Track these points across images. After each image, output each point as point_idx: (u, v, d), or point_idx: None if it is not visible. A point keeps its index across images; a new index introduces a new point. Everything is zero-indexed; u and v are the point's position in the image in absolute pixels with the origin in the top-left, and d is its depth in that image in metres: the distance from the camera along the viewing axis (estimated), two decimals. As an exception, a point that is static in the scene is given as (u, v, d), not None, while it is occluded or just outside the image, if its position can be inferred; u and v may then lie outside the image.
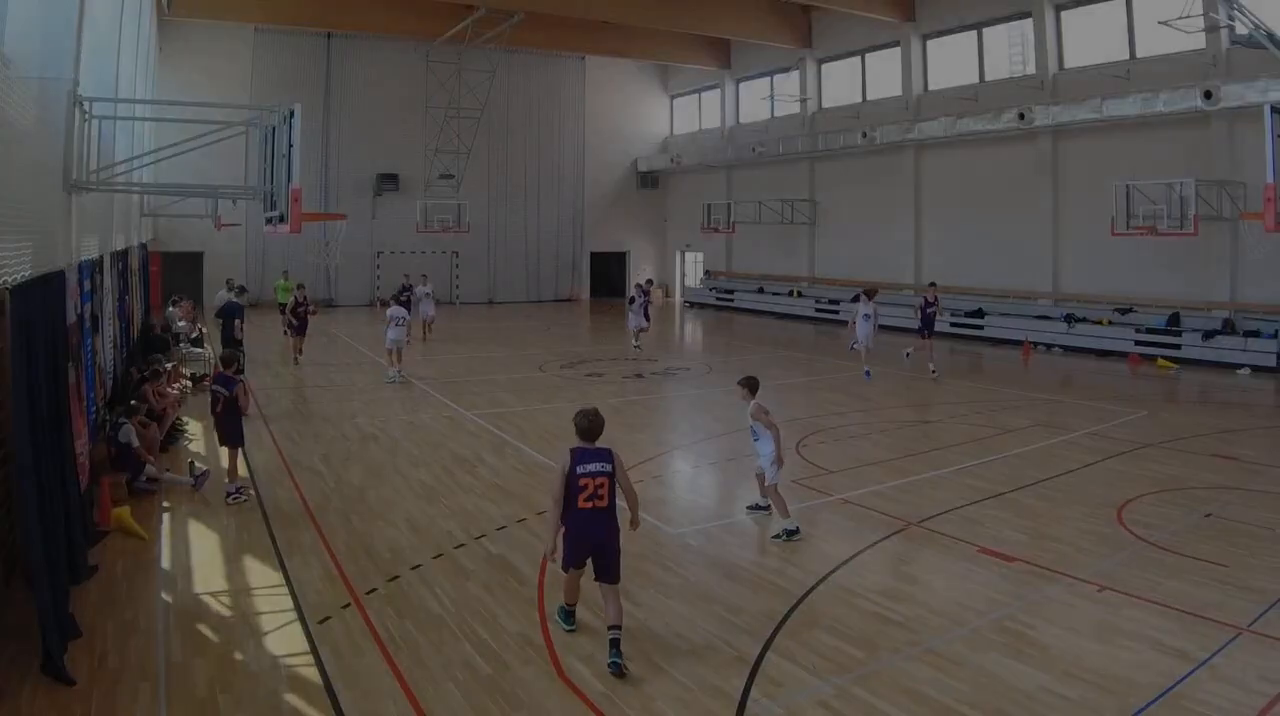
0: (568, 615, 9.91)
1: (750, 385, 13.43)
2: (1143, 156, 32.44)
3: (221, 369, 16.21)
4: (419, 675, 8.88)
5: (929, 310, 28.04)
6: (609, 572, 9.39)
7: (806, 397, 25.11)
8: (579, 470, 9.30)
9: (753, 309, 51.30)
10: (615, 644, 9.00)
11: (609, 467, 9.41)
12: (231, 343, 24.36)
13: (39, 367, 9.64)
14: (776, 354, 34.45)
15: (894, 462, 17.64)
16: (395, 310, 27.29)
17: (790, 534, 12.82)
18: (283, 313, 32.23)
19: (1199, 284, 32.37)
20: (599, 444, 9.58)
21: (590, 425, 9.56)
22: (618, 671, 8.82)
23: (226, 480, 14.99)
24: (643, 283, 36.55)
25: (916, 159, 43.80)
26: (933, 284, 31.04)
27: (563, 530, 9.49)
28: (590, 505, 9.27)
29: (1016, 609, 10.54)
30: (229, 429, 15.26)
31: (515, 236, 57.97)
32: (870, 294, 27.43)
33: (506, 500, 14.98)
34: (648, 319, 33.82)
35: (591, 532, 9.34)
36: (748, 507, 14.23)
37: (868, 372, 26.91)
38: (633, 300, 33.48)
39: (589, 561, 9.45)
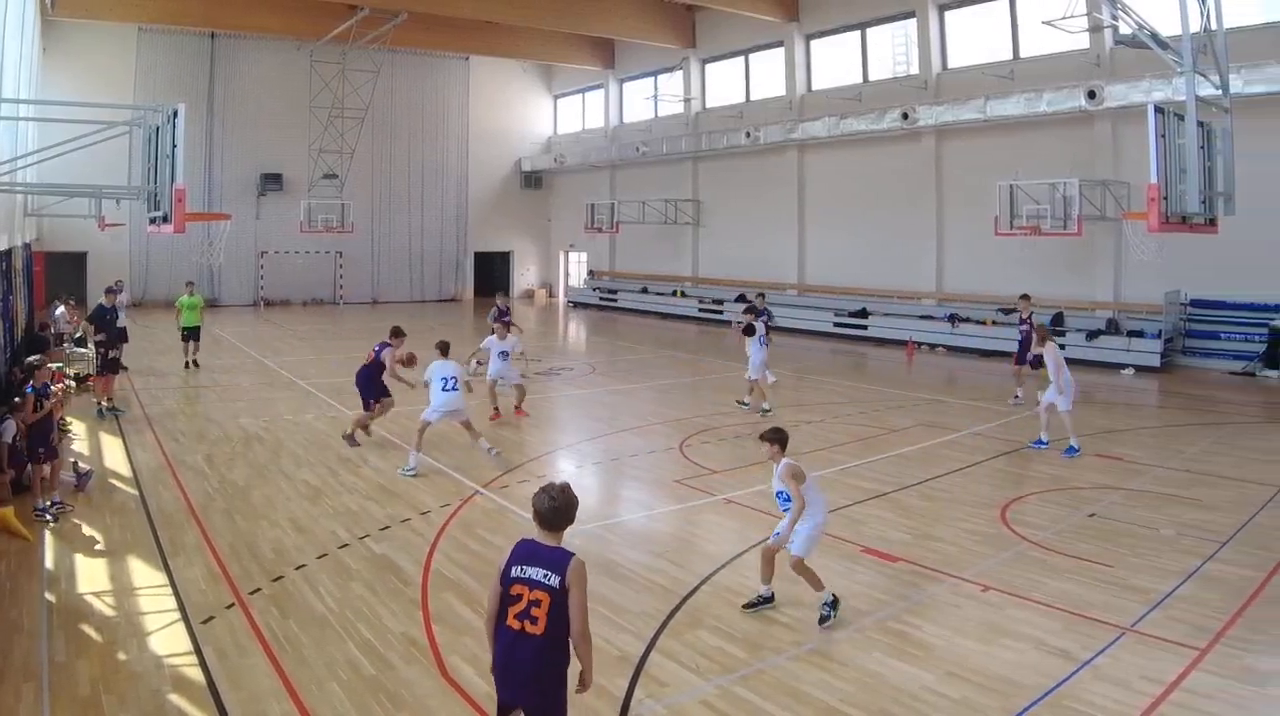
0: None
1: (780, 439, 10.65)
2: (1027, 156, 32.57)
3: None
4: (303, 675, 8.82)
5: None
6: None
7: (691, 397, 25.06)
8: (512, 571, 6.36)
9: (636, 309, 51.08)
10: None
11: (555, 582, 6.24)
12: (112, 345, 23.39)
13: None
14: (660, 354, 34.26)
15: (778, 462, 17.40)
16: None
17: (833, 607, 10.19)
18: (187, 339, 28.39)
19: (1083, 284, 32.70)
20: (562, 543, 6.51)
21: (550, 510, 6.46)
22: None
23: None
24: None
25: (800, 159, 43.83)
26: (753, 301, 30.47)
27: None
28: (521, 626, 6.25)
29: (900, 609, 10.56)
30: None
31: (399, 236, 57.67)
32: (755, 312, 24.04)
33: (390, 500, 14.86)
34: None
35: (514, 663, 6.33)
36: (744, 606, 10.65)
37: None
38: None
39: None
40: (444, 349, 17.56)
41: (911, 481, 16.16)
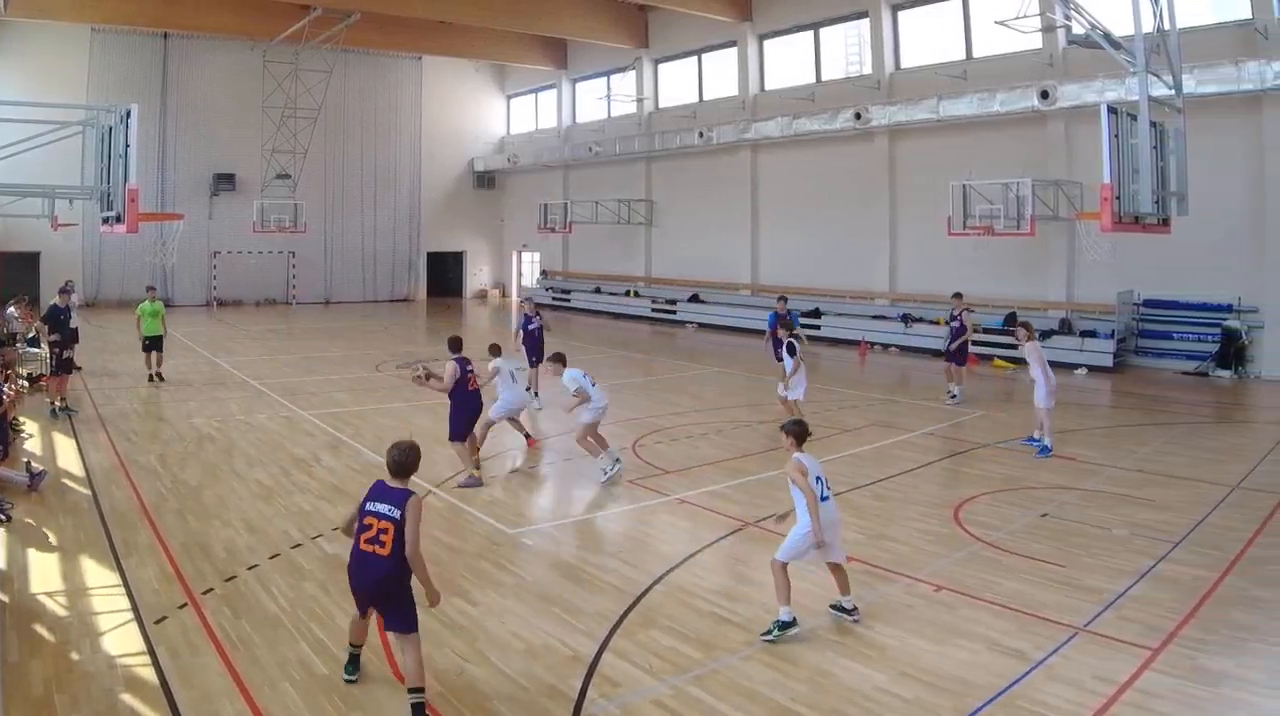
0: (349, 659, 8.82)
1: (797, 433, 10.40)
2: (980, 156, 32.62)
3: None
4: (255, 675, 8.78)
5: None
6: (391, 623, 8.37)
7: (644, 397, 24.92)
8: (366, 506, 8.23)
9: (589, 309, 50.99)
10: (417, 711, 7.95)
11: (397, 515, 8.04)
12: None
13: None
14: (614, 354, 34.19)
15: (730, 462, 17.57)
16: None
17: (784, 627, 9.77)
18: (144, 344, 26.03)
19: (1036, 284, 32.80)
20: (408, 485, 8.33)
21: (395, 460, 8.41)
22: None
23: None
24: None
25: (753, 159, 43.84)
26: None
27: None
28: (371, 549, 8.10)
29: None
30: None
31: (352, 236, 57.48)
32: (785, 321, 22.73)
33: (343, 500, 14.61)
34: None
35: (366, 579, 8.22)
36: (832, 606, 10.41)
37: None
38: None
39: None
40: (496, 351, 17.89)
41: (864, 481, 16.13)
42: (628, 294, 49.88)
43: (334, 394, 24.71)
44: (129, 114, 16.13)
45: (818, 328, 37.25)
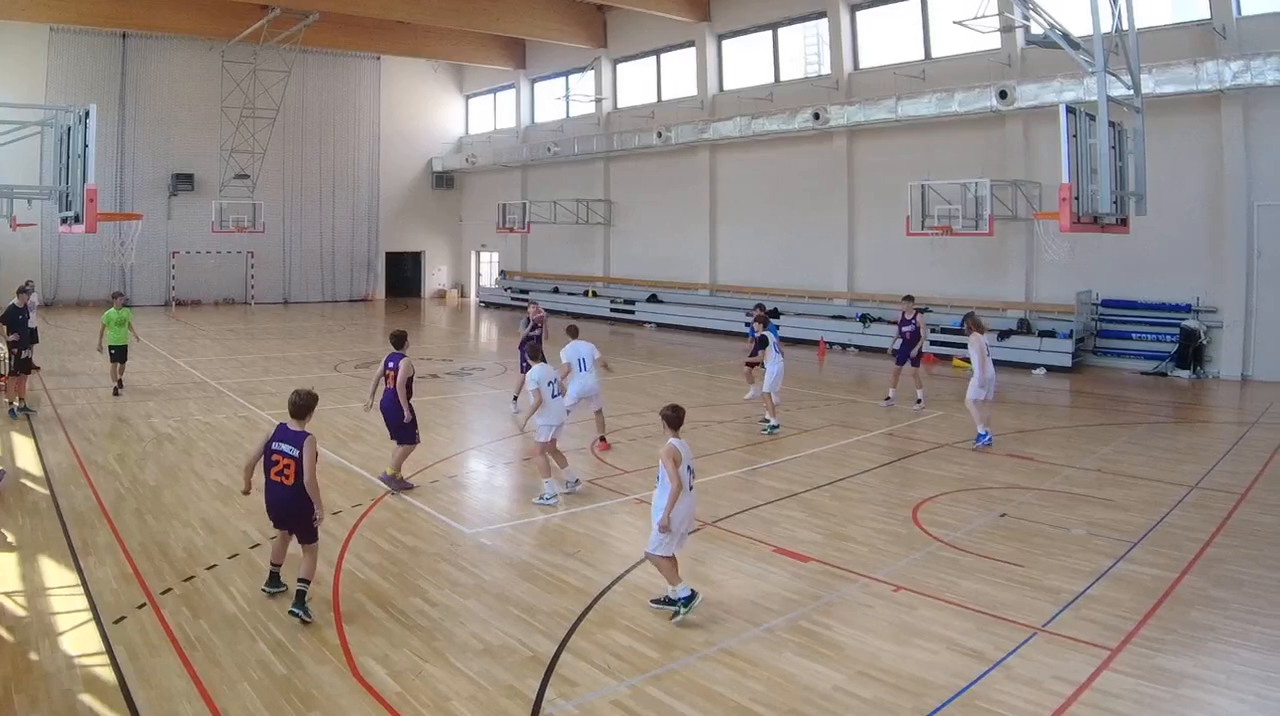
0: (270, 576, 10.74)
1: (672, 418, 11.32)
2: (938, 157, 32.78)
3: None
4: (214, 675, 8.77)
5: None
6: (299, 537, 10.30)
7: (604, 397, 24.58)
8: (273, 446, 10.21)
9: (548, 309, 50.09)
10: (300, 596, 10.00)
11: (296, 454, 10.03)
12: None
13: None
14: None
15: (689, 463, 17.31)
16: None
17: (673, 603, 10.16)
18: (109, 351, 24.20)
19: (995, 284, 32.89)
20: (305, 427, 10.38)
21: (294, 404, 10.50)
22: (296, 617, 9.91)
23: None
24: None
25: (712, 159, 43.84)
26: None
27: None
28: (279, 480, 10.12)
29: (812, 609, 10.54)
30: None
31: (311, 236, 57.31)
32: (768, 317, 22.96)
33: None
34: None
35: (275, 503, 10.24)
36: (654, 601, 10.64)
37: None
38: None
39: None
40: (574, 332, 18.07)
41: (823, 481, 16.10)
42: (586, 294, 49.86)
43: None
44: (87, 114, 16.14)
45: (777, 327, 37.20)
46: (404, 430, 15.16)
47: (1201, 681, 8.69)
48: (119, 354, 24.19)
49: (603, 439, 18.54)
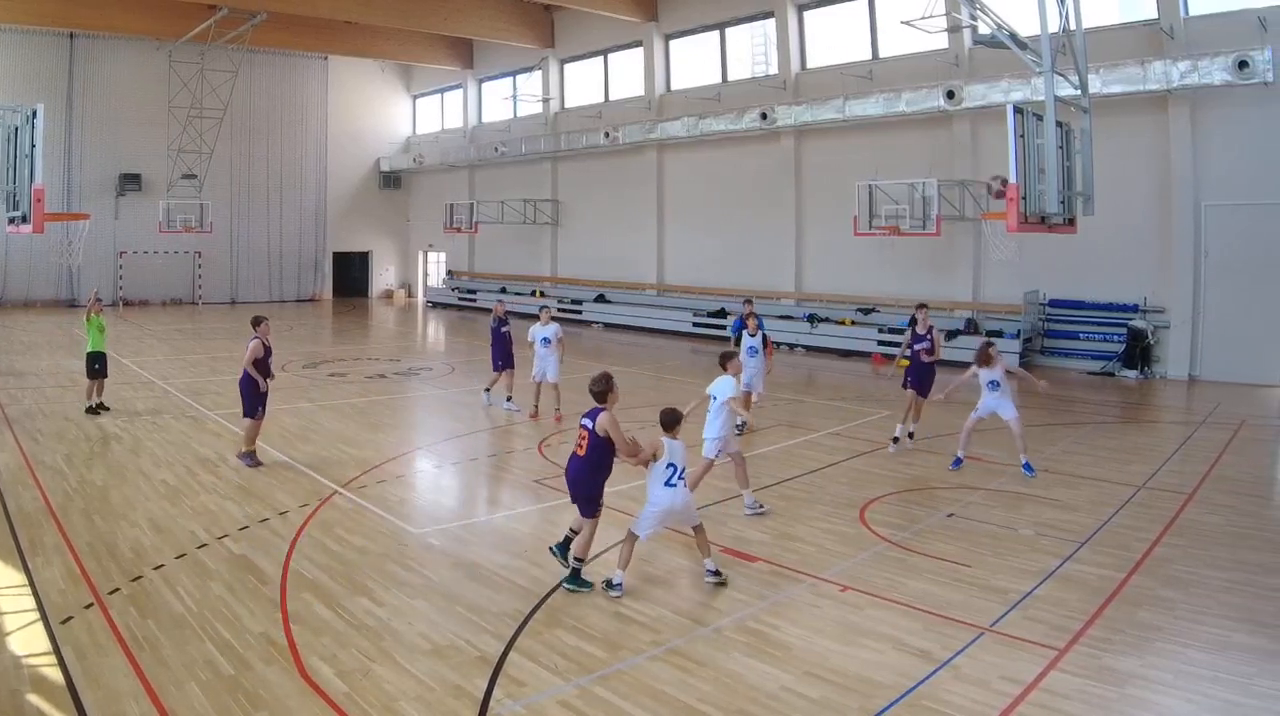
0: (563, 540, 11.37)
1: (666, 421, 11.41)
2: (886, 157, 32.73)
3: None
4: (161, 675, 8.70)
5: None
6: (580, 510, 11.13)
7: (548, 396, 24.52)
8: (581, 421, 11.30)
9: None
10: (575, 573, 10.62)
11: (590, 425, 11.09)
12: None
13: None
14: (520, 354, 33.79)
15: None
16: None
17: (609, 588, 10.83)
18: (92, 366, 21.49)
19: (942, 284, 32.91)
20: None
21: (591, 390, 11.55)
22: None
23: None
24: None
25: (659, 159, 43.81)
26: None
27: None
28: (576, 451, 11.36)
29: (759, 609, 10.53)
30: None
31: (258, 236, 57.09)
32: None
33: (249, 500, 14.75)
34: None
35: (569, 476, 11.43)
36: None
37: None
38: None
39: None
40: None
41: (770, 481, 16.00)
42: (533, 294, 49.57)
43: (240, 394, 24.24)
44: (35, 114, 16.19)
45: (723, 327, 37.22)
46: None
47: (1149, 681, 8.68)
48: (104, 366, 21.66)
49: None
